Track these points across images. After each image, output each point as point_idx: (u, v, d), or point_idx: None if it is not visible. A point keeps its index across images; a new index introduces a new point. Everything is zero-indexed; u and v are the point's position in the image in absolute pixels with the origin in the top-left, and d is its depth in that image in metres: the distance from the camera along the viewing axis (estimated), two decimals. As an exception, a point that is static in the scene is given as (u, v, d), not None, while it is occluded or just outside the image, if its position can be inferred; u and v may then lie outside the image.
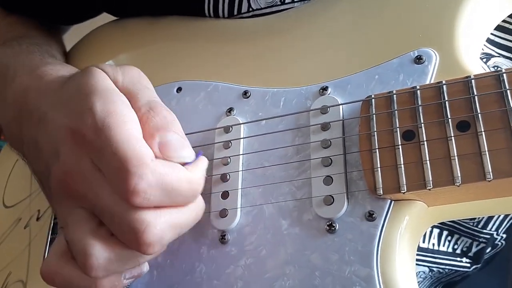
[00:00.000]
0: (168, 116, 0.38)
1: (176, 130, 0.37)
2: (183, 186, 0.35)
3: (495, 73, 0.36)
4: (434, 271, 0.57)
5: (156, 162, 0.34)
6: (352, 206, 0.38)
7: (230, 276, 0.41)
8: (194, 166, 0.37)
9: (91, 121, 0.35)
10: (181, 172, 0.35)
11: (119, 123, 0.35)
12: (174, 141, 0.37)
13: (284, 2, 0.50)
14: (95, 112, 0.35)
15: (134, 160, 0.33)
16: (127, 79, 0.40)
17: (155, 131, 0.36)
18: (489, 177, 0.33)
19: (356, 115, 0.40)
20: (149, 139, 0.36)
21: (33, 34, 0.61)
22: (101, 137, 0.34)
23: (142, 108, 0.38)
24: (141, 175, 0.33)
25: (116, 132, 0.34)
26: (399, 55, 0.42)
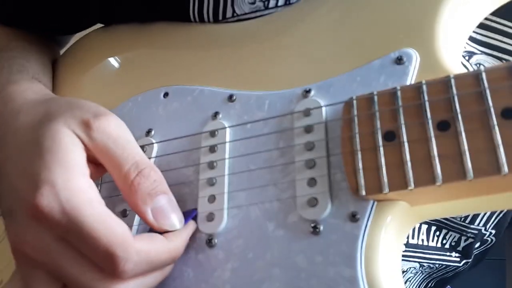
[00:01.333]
0: (157, 178, 0.39)
1: (165, 192, 0.40)
2: (163, 257, 0.38)
3: (475, 72, 0.36)
4: (425, 266, 0.57)
5: (139, 241, 0.36)
6: (335, 208, 0.39)
7: (218, 279, 0.41)
8: (177, 235, 0.40)
9: (54, 200, 0.35)
10: (162, 245, 0.38)
11: (86, 203, 0.35)
12: (166, 205, 0.39)
13: (268, 7, 0.50)
14: (57, 190, 0.35)
15: (120, 245, 0.34)
16: (105, 136, 0.39)
17: (147, 197, 0.38)
18: (469, 176, 0.34)
19: (339, 117, 0.40)
20: (143, 205, 0.38)
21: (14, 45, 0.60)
22: (72, 220, 0.34)
23: (131, 171, 0.38)
24: (128, 258, 0.35)
25: (88, 214, 0.35)
26: (381, 56, 0.42)
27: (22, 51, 0.60)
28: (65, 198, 0.35)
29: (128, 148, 0.39)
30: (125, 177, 0.38)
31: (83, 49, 0.64)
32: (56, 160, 0.36)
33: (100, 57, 0.61)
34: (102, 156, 0.39)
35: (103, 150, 0.39)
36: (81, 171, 0.37)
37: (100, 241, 0.34)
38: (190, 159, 0.47)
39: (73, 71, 0.62)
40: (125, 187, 0.38)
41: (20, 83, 0.49)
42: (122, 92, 0.55)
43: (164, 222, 0.39)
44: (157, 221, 0.38)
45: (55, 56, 0.68)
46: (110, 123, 0.39)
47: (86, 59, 0.63)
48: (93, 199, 0.36)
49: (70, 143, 0.38)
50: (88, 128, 0.38)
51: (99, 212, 0.35)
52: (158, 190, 0.39)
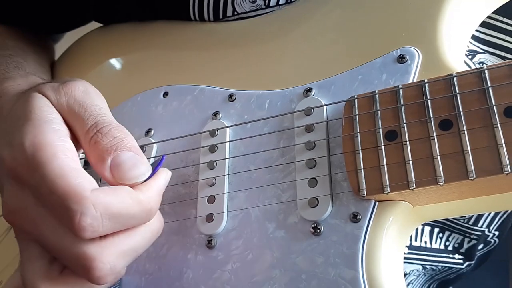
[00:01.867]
0: (117, 134, 0.37)
1: (128, 146, 0.36)
2: (132, 210, 0.35)
3: (477, 70, 0.35)
4: (427, 268, 0.56)
5: (96, 193, 0.33)
6: (336, 208, 0.38)
7: (217, 281, 0.40)
8: (146, 185, 0.36)
9: (21, 157, 0.34)
10: (127, 195, 0.35)
11: (49, 157, 0.34)
12: (126, 161, 0.36)
13: (269, 5, 0.50)
14: (24, 148, 0.34)
15: (73, 197, 0.32)
16: (71, 99, 0.38)
17: (105, 154, 0.36)
18: (472, 176, 0.33)
19: (340, 116, 0.40)
20: (100, 162, 0.35)
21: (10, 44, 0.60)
22: (34, 175, 0.34)
23: (90, 130, 0.37)
24: (83, 211, 0.32)
25: (48, 168, 0.33)
26: (382, 54, 0.41)
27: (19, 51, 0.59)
28: (30, 153, 0.34)
29: (91, 110, 0.38)
30: (85, 136, 0.37)
31: (82, 50, 0.64)
32: (27, 121, 0.36)
33: (100, 57, 0.61)
34: (68, 118, 0.38)
35: (69, 113, 0.38)
36: (51, 127, 0.36)
37: (55, 195, 0.33)
38: (190, 159, 0.46)
39: (72, 71, 0.61)
40: (86, 148, 0.37)
41: (15, 78, 0.49)
42: (122, 91, 0.55)
43: (120, 176, 0.35)
44: (114, 177, 0.35)
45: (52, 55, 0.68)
46: (77, 87, 0.39)
47: (86, 60, 0.62)
48: (58, 150, 0.34)
49: (40, 103, 0.38)
50: (57, 91, 0.38)
51: (60, 166, 0.34)
52: (119, 146, 0.36)
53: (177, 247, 0.43)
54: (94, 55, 0.61)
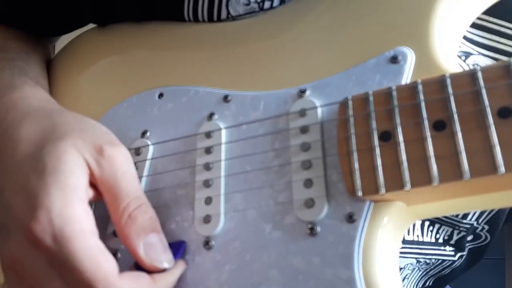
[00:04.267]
0: (153, 216, 0.39)
1: (159, 230, 0.39)
2: None
3: (471, 71, 0.36)
4: (421, 262, 0.57)
5: (124, 280, 0.35)
6: (332, 209, 0.38)
7: (215, 282, 0.41)
8: (164, 277, 0.39)
9: (47, 226, 0.35)
10: (146, 286, 0.37)
11: (78, 234, 0.35)
12: (157, 244, 0.39)
13: (263, 8, 0.50)
14: (52, 217, 0.35)
15: (103, 281, 0.34)
16: (113, 168, 0.39)
17: (142, 231, 0.38)
18: (466, 176, 0.33)
19: (334, 117, 0.40)
20: (136, 238, 0.37)
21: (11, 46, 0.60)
22: (62, 249, 0.34)
23: (132, 204, 0.38)
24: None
25: (78, 246, 0.34)
26: (376, 55, 0.42)
27: (20, 53, 0.59)
28: (59, 226, 0.35)
29: (133, 183, 0.39)
30: (124, 209, 0.38)
31: (77, 50, 0.64)
32: (56, 182, 0.36)
33: (94, 58, 0.61)
34: (105, 185, 0.39)
35: (109, 180, 0.38)
36: (80, 197, 0.37)
37: (84, 274, 0.34)
38: (186, 161, 0.46)
39: (67, 72, 0.61)
40: (121, 219, 0.38)
41: (23, 88, 0.48)
42: (117, 93, 0.54)
43: (154, 258, 0.38)
44: (148, 256, 0.38)
45: (49, 56, 0.67)
46: (121, 154, 0.40)
47: (80, 60, 0.62)
48: (86, 230, 0.36)
49: (75, 166, 0.37)
50: (100, 155, 0.39)
51: (89, 245, 0.35)
52: (153, 227, 0.39)
53: (174, 249, 0.44)
54: (88, 56, 0.61)
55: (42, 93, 0.49)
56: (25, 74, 0.53)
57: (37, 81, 0.54)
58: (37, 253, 0.35)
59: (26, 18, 0.63)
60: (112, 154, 0.39)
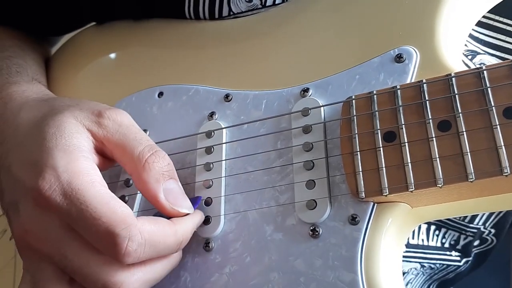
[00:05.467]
0: (170, 163, 0.39)
1: (177, 178, 0.39)
2: (169, 240, 0.36)
3: (476, 70, 0.35)
4: (426, 267, 0.56)
5: (142, 221, 0.35)
6: (335, 210, 0.38)
7: (215, 284, 0.40)
8: (184, 219, 0.38)
9: (56, 183, 0.34)
10: (167, 226, 0.36)
11: (87, 184, 0.34)
12: (175, 190, 0.38)
13: (265, 5, 0.49)
14: (58, 173, 0.34)
15: (121, 223, 0.33)
16: (116, 123, 0.39)
17: (160, 176, 0.37)
18: (471, 178, 0.33)
19: (338, 116, 0.40)
20: (156, 183, 0.37)
21: (8, 45, 0.59)
22: (73, 201, 0.34)
23: (146, 151, 0.38)
24: (131, 237, 0.33)
25: (89, 195, 0.34)
26: (380, 54, 0.41)
27: (18, 51, 0.59)
28: (66, 180, 0.34)
29: (141, 134, 0.39)
30: (139, 155, 0.37)
31: (77, 48, 0.63)
32: (58, 145, 0.36)
33: (94, 56, 0.60)
34: (112, 142, 0.38)
35: (114, 135, 0.38)
36: (84, 155, 0.36)
37: (101, 220, 0.33)
38: (187, 161, 0.46)
39: (66, 70, 0.61)
40: (138, 167, 0.37)
41: (20, 83, 0.48)
42: (116, 91, 0.54)
43: (176, 203, 0.37)
44: (169, 201, 0.37)
45: (48, 55, 0.67)
46: (122, 113, 0.40)
47: (80, 58, 0.62)
48: (95, 180, 0.35)
49: (74, 130, 0.37)
50: (100, 116, 0.39)
51: (100, 193, 0.34)
52: (171, 174, 0.38)
53: (174, 250, 0.43)
54: (88, 54, 0.60)
55: (38, 87, 0.49)
56: (22, 72, 0.53)
57: (35, 78, 0.54)
58: (48, 217, 0.35)
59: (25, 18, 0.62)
60: (111, 113, 0.39)
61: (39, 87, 0.50)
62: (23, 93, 0.45)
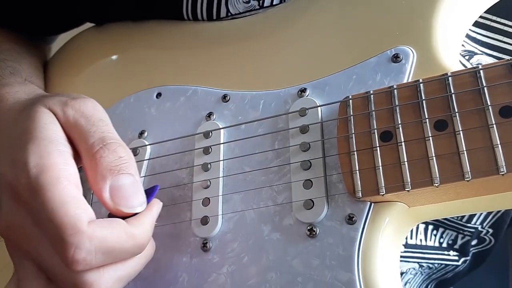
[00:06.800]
0: (123, 155, 0.36)
1: (130, 171, 0.36)
2: (126, 245, 0.34)
3: (472, 69, 0.35)
4: (424, 266, 0.56)
5: (93, 226, 0.33)
6: (332, 210, 0.38)
7: (213, 284, 0.40)
8: (140, 220, 0.36)
9: (25, 179, 0.34)
10: (122, 231, 0.34)
11: (52, 181, 0.33)
12: (127, 186, 0.35)
13: (263, 6, 0.50)
14: (28, 168, 0.34)
15: (70, 229, 0.32)
16: (78, 113, 0.37)
17: (108, 173, 0.35)
18: (467, 177, 0.33)
19: (335, 116, 0.40)
20: (101, 180, 0.35)
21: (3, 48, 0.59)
22: (35, 199, 0.33)
23: (95, 144, 0.36)
24: (78, 244, 0.32)
25: (50, 194, 0.33)
26: (377, 54, 0.41)
27: (13, 54, 0.59)
28: (34, 175, 0.33)
29: (99, 125, 0.37)
30: (88, 150, 0.36)
31: (75, 50, 0.63)
32: (32, 138, 0.35)
33: (91, 58, 0.60)
34: (73, 132, 0.37)
35: (73, 127, 0.37)
36: (56, 148, 0.35)
37: (52, 223, 0.32)
38: (184, 161, 0.46)
39: (64, 72, 0.61)
40: (86, 163, 0.36)
41: (13, 85, 0.48)
42: (114, 92, 0.54)
43: (120, 203, 0.34)
44: (112, 201, 0.34)
45: (45, 56, 0.67)
46: (86, 103, 0.38)
47: (78, 60, 0.62)
48: (61, 176, 0.34)
49: (47, 120, 0.37)
50: (65, 105, 0.38)
51: (61, 193, 0.33)
52: (123, 168, 0.35)
53: (172, 251, 0.43)
54: (86, 55, 0.61)
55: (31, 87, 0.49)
56: (16, 74, 0.53)
57: (29, 80, 0.54)
58: (23, 212, 0.35)
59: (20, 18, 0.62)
60: (75, 103, 0.38)
61: (31, 87, 0.49)
62: (15, 94, 0.45)
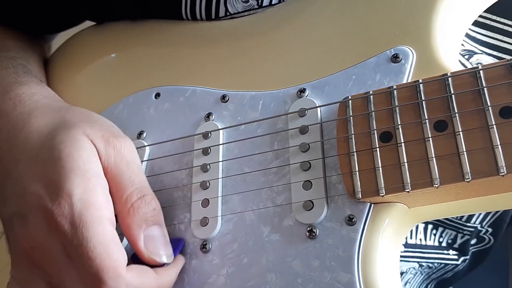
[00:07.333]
0: (156, 207, 0.39)
1: (161, 224, 0.39)
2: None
3: (472, 70, 0.35)
4: (424, 266, 0.56)
5: (131, 273, 0.35)
6: (332, 211, 0.38)
7: (212, 285, 0.40)
8: (168, 271, 0.39)
9: (68, 211, 0.34)
10: (153, 281, 0.37)
11: (96, 220, 0.35)
12: (159, 237, 0.38)
13: (262, 5, 0.49)
14: (73, 201, 0.35)
15: (111, 272, 0.34)
16: (119, 156, 0.39)
17: (143, 222, 0.37)
18: (467, 178, 0.33)
19: (334, 117, 0.40)
20: (137, 229, 0.37)
21: (10, 45, 0.59)
22: (77, 235, 0.34)
23: (134, 194, 0.38)
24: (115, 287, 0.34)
25: (93, 233, 0.34)
26: (376, 54, 0.41)
27: (20, 52, 0.59)
28: (79, 210, 0.34)
29: (137, 174, 0.39)
30: (127, 199, 0.38)
31: (72, 50, 0.63)
32: (75, 168, 0.36)
33: (90, 57, 0.60)
34: (110, 174, 0.38)
35: (113, 169, 0.38)
36: (101, 183, 0.37)
37: (94, 261, 0.34)
38: (183, 162, 0.46)
39: (62, 72, 0.60)
40: (123, 209, 0.38)
41: (29, 84, 0.48)
42: (113, 93, 0.54)
43: (154, 252, 0.38)
44: (147, 249, 0.37)
45: (45, 55, 0.67)
46: (127, 146, 0.40)
47: (77, 60, 0.61)
48: (103, 217, 0.35)
49: (90, 151, 0.37)
50: (107, 144, 0.39)
51: (103, 233, 0.35)
52: (156, 220, 0.39)
53: (171, 252, 0.43)
54: (84, 56, 0.60)
55: (48, 91, 0.49)
56: (29, 72, 0.53)
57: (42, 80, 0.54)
58: (55, 239, 0.35)
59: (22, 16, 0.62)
60: (117, 144, 0.39)
61: (48, 91, 0.50)
62: (32, 96, 0.45)
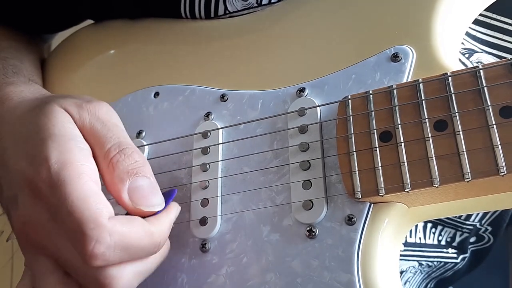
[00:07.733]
0: (139, 159, 0.37)
1: (147, 174, 0.37)
2: (143, 242, 0.35)
3: (472, 69, 0.35)
4: (423, 265, 0.56)
5: (113, 222, 0.33)
6: (331, 211, 0.38)
7: (212, 285, 0.40)
8: (159, 219, 0.36)
9: (45, 174, 0.34)
10: (141, 228, 0.35)
11: (74, 177, 0.34)
12: (145, 187, 0.36)
13: (261, 4, 0.49)
14: (50, 164, 0.34)
15: (91, 223, 0.32)
16: (94, 117, 0.38)
17: (125, 175, 0.36)
18: (467, 178, 0.33)
19: (334, 116, 0.39)
20: (119, 183, 0.35)
21: (3, 46, 0.59)
22: (56, 194, 0.33)
23: (112, 149, 0.37)
24: (98, 239, 0.32)
25: (71, 188, 0.33)
26: (376, 53, 0.41)
27: (14, 52, 0.59)
28: (55, 171, 0.34)
29: (114, 130, 0.38)
30: (105, 156, 0.36)
31: (72, 48, 0.63)
32: (51, 136, 0.35)
33: (90, 56, 0.60)
34: (88, 137, 0.38)
35: (89, 131, 0.38)
36: (76, 145, 0.36)
37: (72, 215, 0.32)
38: (183, 161, 0.46)
39: (60, 71, 0.60)
40: (104, 168, 0.36)
41: (17, 84, 0.48)
42: (112, 92, 0.54)
43: (139, 202, 0.35)
44: (132, 201, 0.35)
45: (43, 54, 0.66)
46: (101, 107, 0.39)
47: (75, 59, 0.61)
48: (82, 173, 0.34)
49: (63, 118, 0.37)
50: (80, 108, 0.38)
51: (82, 188, 0.33)
52: (139, 171, 0.36)
53: (170, 252, 0.42)
54: (84, 54, 0.60)
55: (35, 87, 0.49)
56: (19, 73, 0.53)
57: (31, 79, 0.54)
58: (41, 208, 0.35)
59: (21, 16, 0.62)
60: (91, 107, 0.38)
61: (35, 87, 0.50)
62: (20, 93, 0.45)
